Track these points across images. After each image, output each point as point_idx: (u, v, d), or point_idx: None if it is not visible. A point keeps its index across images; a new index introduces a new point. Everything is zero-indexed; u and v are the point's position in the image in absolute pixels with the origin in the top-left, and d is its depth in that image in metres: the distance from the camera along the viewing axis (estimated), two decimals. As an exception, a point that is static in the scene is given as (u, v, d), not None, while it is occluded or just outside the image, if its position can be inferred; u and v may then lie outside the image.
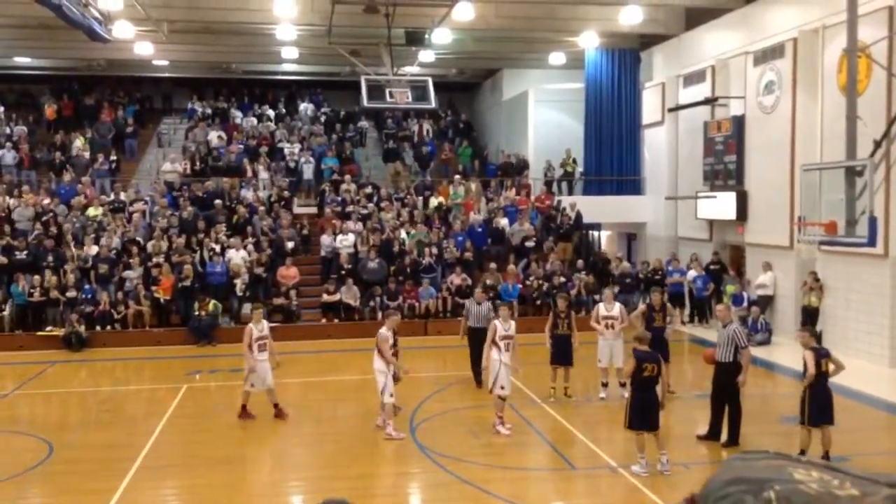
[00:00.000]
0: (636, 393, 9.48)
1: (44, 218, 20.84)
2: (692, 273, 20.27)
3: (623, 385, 13.11)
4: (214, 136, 26.76)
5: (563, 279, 20.42)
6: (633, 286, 20.91)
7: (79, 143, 25.73)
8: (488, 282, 20.20)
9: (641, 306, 15.02)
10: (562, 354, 12.94)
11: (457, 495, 9.13)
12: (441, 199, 23.85)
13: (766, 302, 18.42)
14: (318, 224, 22.38)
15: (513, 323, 11.58)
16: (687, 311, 20.31)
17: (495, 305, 13.12)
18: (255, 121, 29.43)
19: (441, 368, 15.20)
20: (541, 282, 20.43)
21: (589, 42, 23.56)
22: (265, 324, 12.14)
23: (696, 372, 14.61)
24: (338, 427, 12.01)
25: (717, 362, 10.72)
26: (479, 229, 22.14)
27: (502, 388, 11.16)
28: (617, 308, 13.31)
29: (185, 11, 21.13)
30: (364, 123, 30.62)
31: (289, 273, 20.12)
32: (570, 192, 25.58)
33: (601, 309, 13.35)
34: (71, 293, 18.76)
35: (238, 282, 19.57)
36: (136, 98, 31.81)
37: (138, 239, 20.54)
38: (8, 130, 26.86)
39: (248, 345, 11.72)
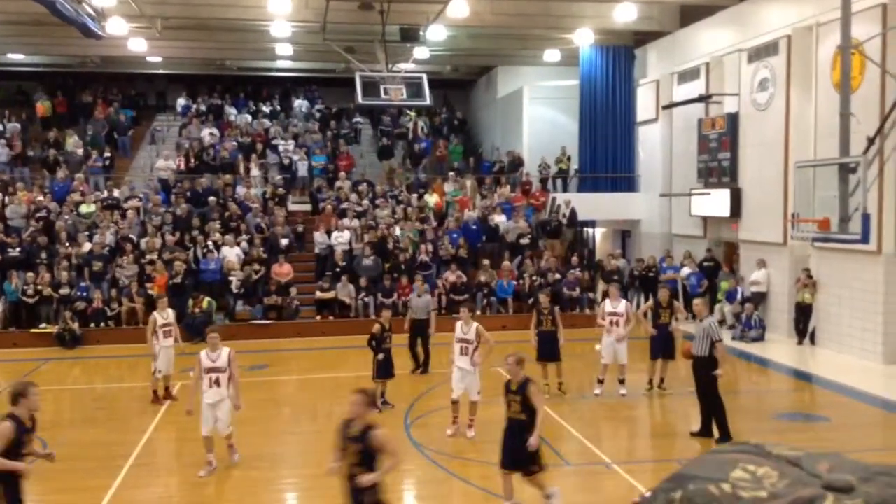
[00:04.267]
0: (506, 430, 7.96)
1: (37, 215, 20.78)
2: (686, 270, 20.29)
3: (622, 382, 13.13)
4: (207, 133, 26.69)
5: (557, 276, 20.44)
6: (627, 284, 20.92)
7: (73, 139, 25.64)
8: (482, 279, 20.26)
9: (649, 302, 15.03)
10: (547, 351, 12.87)
11: (451, 492, 9.14)
12: (436, 196, 23.84)
13: (759, 299, 18.46)
14: (316, 221, 22.30)
15: (474, 325, 11.01)
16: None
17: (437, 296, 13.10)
18: (249, 117, 29.38)
19: (435, 365, 15.19)
20: (535, 278, 20.45)
21: (584, 39, 23.54)
22: (170, 312, 13.13)
23: (689, 368, 14.60)
24: (333, 424, 11.96)
25: (693, 357, 10.81)
26: (474, 226, 22.15)
27: (452, 390, 11.09)
28: (622, 305, 13.25)
29: (179, 8, 21.07)
30: (359, 120, 30.58)
31: (282, 270, 20.09)
32: (565, 190, 25.61)
33: (606, 305, 13.32)
34: (64, 290, 18.72)
35: (233, 279, 19.55)
36: (131, 96, 31.72)
37: (132, 236, 20.49)
38: (1, 127, 26.76)
39: (152, 332, 12.68)
